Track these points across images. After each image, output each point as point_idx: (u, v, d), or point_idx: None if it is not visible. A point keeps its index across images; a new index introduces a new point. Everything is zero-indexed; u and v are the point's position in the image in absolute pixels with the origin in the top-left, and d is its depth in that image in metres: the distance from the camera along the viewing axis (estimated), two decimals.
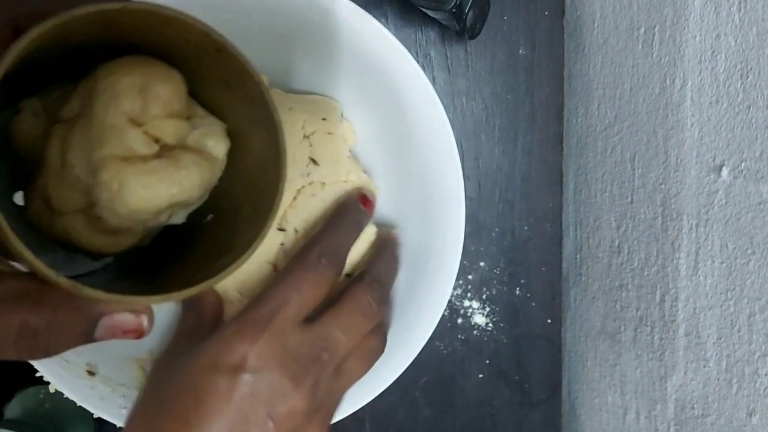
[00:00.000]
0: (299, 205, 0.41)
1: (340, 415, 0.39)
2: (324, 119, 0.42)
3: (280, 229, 0.40)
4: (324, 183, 0.41)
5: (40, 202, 0.26)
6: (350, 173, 0.43)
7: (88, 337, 0.24)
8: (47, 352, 0.23)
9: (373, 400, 0.42)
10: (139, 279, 0.29)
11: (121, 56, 0.26)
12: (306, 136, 0.42)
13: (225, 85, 0.27)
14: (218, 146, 0.28)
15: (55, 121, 0.26)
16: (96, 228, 0.27)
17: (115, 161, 0.25)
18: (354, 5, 0.38)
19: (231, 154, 0.28)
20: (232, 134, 0.29)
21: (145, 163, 0.25)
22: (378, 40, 0.40)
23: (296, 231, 0.40)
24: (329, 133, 0.42)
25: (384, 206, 0.46)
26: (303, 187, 0.41)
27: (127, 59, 0.26)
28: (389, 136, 0.45)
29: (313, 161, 0.42)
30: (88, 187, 0.25)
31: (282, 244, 0.40)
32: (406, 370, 0.45)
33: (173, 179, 0.26)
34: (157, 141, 0.26)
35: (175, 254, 0.30)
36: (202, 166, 0.27)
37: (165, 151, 0.26)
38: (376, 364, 0.38)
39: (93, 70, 0.26)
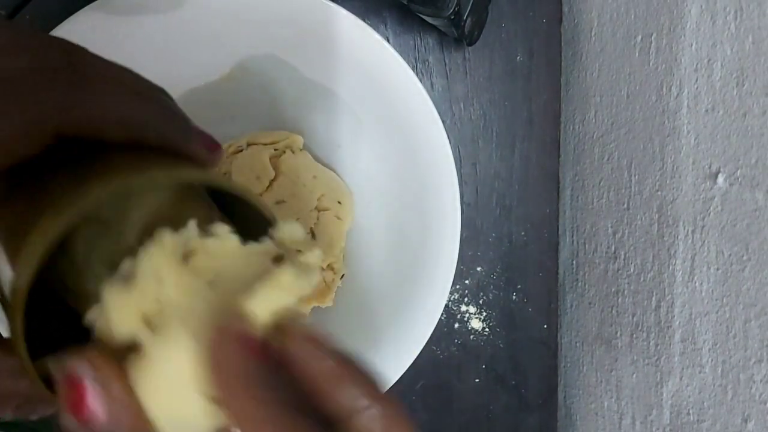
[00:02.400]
0: None
1: None
2: (339, 203, 0.45)
3: None
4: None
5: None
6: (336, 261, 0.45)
7: None
8: (34, 414, 0.25)
9: None
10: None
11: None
12: (318, 209, 0.44)
13: None
14: None
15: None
16: None
17: None
18: (353, 16, 0.39)
19: None
20: None
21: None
22: (376, 51, 0.40)
23: None
24: (338, 218, 0.45)
25: (382, 212, 0.46)
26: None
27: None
28: (386, 143, 0.45)
29: (312, 234, 0.44)
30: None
31: None
32: (403, 374, 0.45)
33: None
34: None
35: None
36: None
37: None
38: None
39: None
